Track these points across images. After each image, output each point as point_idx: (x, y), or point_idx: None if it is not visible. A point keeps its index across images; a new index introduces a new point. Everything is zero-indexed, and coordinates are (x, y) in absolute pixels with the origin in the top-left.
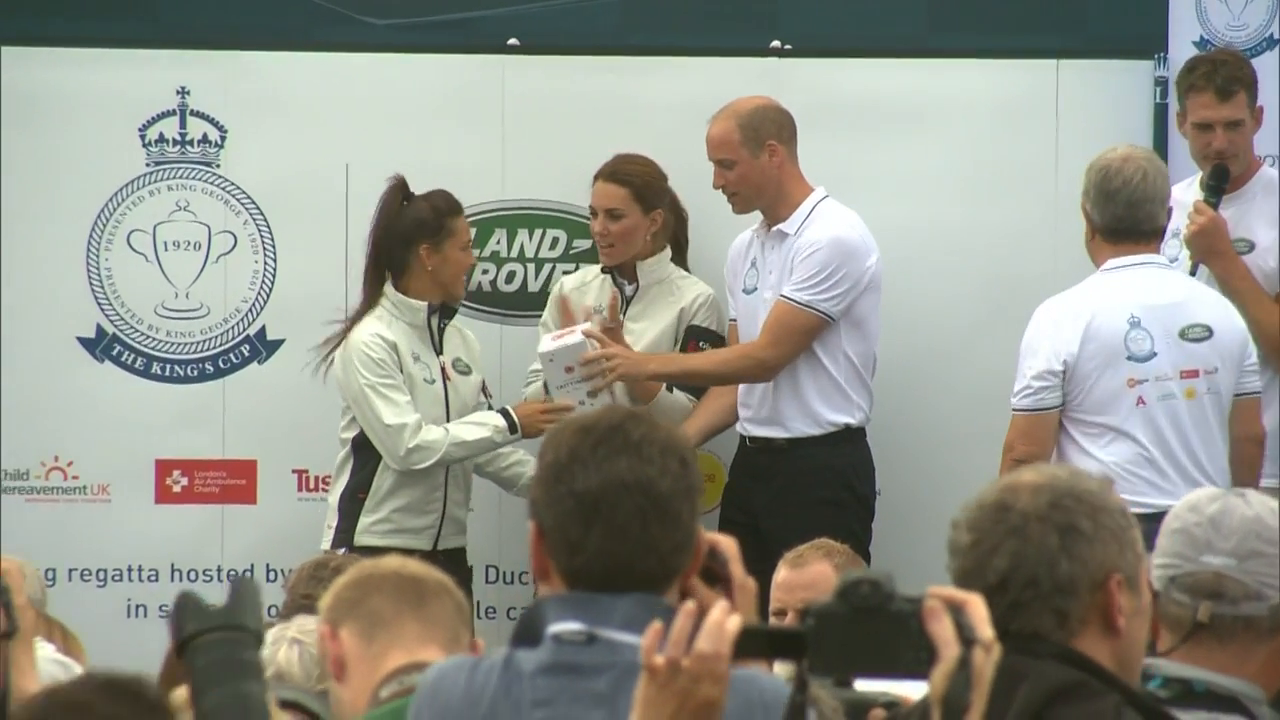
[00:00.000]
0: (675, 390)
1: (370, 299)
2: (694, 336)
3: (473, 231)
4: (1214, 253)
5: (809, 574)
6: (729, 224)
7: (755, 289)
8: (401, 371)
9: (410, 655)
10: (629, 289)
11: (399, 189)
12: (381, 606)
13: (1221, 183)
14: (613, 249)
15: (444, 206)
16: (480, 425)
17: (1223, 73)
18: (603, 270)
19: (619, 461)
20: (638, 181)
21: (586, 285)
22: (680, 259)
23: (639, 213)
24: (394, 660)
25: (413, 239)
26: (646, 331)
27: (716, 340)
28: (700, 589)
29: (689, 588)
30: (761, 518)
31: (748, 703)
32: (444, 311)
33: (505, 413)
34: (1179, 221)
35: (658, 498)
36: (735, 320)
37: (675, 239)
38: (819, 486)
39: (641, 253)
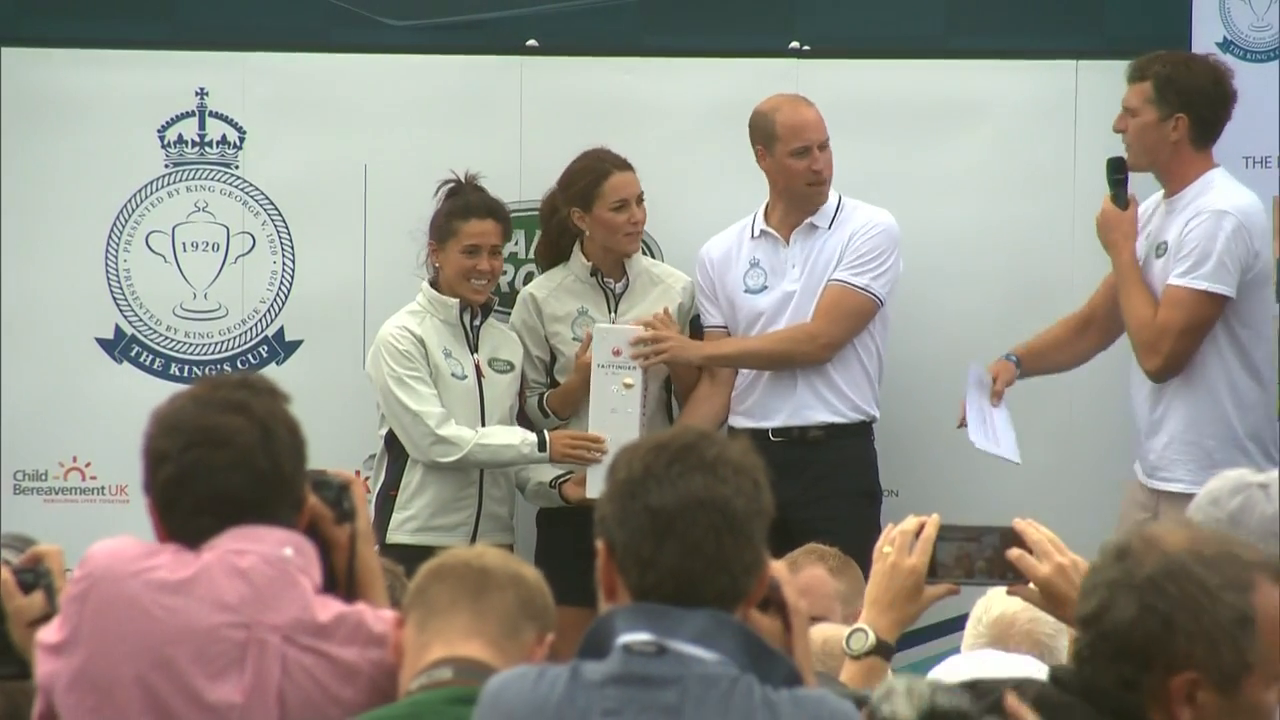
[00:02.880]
0: None
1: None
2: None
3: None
4: (1107, 244)
5: (803, 579)
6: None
7: (764, 288)
8: (429, 365)
9: (449, 649)
10: (618, 286)
11: (451, 186)
12: (439, 596)
13: (1117, 173)
14: (639, 234)
15: (455, 208)
16: (510, 433)
17: (1140, 61)
18: (591, 273)
19: (694, 479)
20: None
21: (559, 290)
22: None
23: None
24: (434, 653)
25: (428, 235)
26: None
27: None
28: (756, 617)
29: (746, 616)
30: (792, 510)
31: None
32: (482, 310)
33: (540, 431)
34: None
35: (732, 516)
36: (723, 326)
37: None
38: (853, 477)
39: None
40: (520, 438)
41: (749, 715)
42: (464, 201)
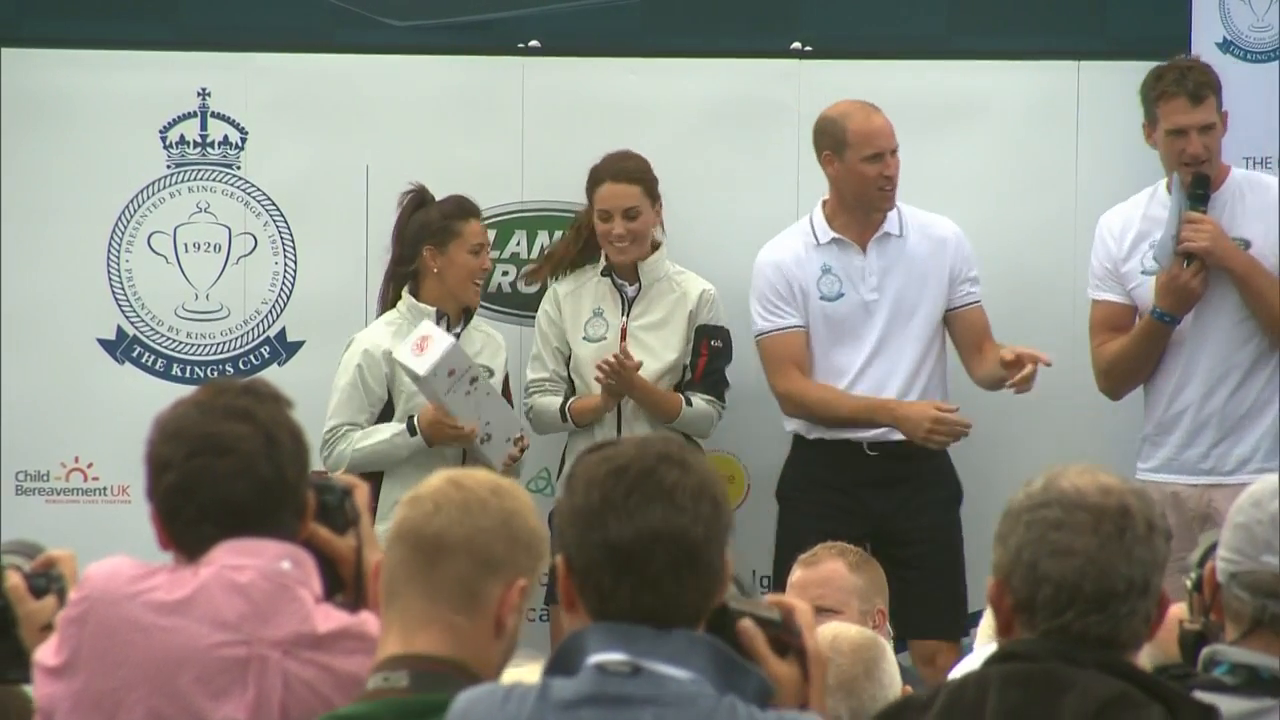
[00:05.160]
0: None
1: (386, 304)
2: (706, 336)
3: (491, 235)
4: (1229, 254)
5: (822, 571)
6: (748, 225)
7: (840, 295)
8: (392, 386)
9: (405, 643)
10: (630, 290)
11: (416, 195)
12: (399, 566)
13: (1205, 189)
14: (630, 247)
15: (452, 210)
16: (382, 431)
17: (1192, 78)
18: (603, 273)
19: (653, 511)
20: (643, 177)
21: (582, 289)
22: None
23: (649, 207)
24: (391, 643)
25: (418, 241)
26: (657, 332)
27: (725, 335)
28: (772, 662)
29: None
30: (888, 522)
31: None
32: (465, 315)
33: (410, 419)
34: (1155, 233)
35: (691, 548)
36: (800, 328)
37: None
38: (943, 485)
39: (645, 250)
40: (391, 431)
41: None
42: (456, 204)
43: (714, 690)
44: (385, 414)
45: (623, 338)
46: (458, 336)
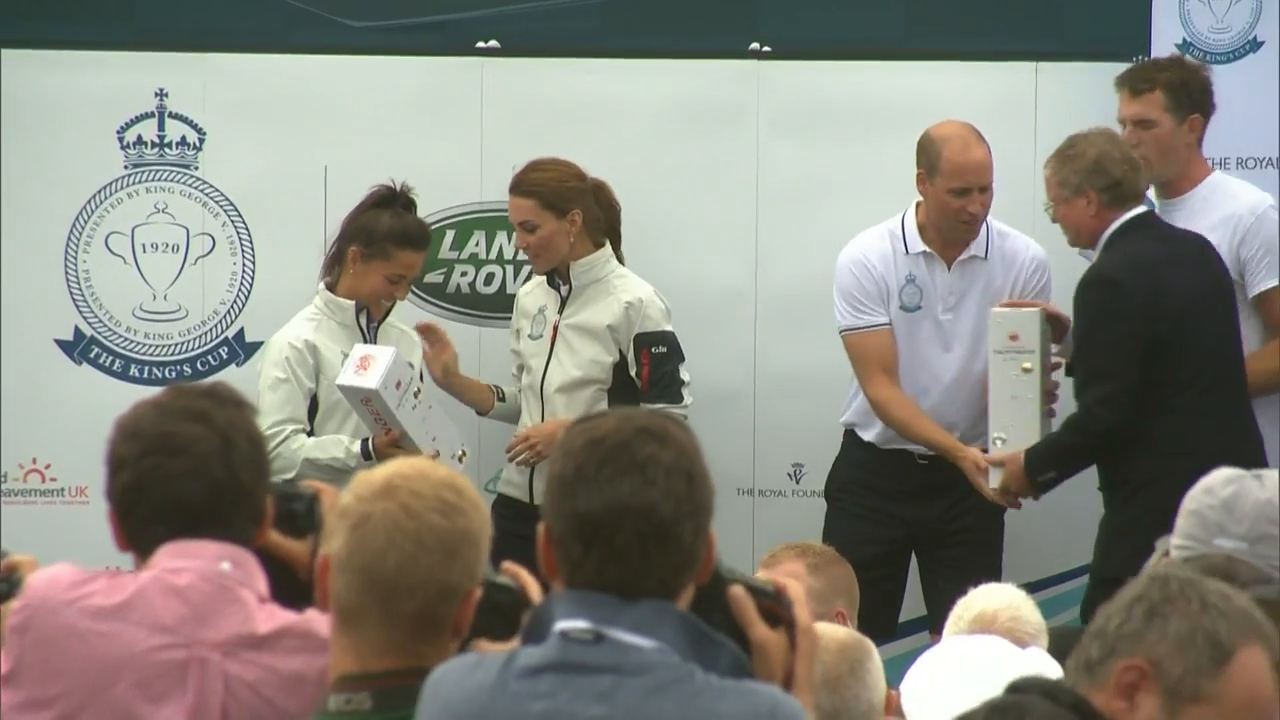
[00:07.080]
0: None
1: None
2: (645, 346)
3: (450, 235)
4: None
5: (780, 573)
6: (707, 226)
7: (919, 308)
8: (319, 376)
9: (363, 662)
10: (564, 290)
11: (380, 194)
12: (348, 594)
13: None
14: (538, 259)
15: (398, 231)
16: (336, 445)
17: (1142, 72)
18: (538, 273)
19: (622, 484)
20: (542, 190)
21: (538, 287)
22: (615, 253)
23: (552, 220)
24: (349, 661)
25: (351, 237)
26: (583, 334)
27: (667, 339)
28: (759, 628)
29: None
30: (927, 526)
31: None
32: (384, 312)
33: (365, 442)
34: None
35: (659, 523)
36: (886, 325)
37: (612, 233)
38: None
39: (576, 253)
40: (345, 449)
41: (686, 702)
42: (406, 228)
43: (680, 660)
44: (310, 408)
45: (554, 336)
46: (374, 329)
